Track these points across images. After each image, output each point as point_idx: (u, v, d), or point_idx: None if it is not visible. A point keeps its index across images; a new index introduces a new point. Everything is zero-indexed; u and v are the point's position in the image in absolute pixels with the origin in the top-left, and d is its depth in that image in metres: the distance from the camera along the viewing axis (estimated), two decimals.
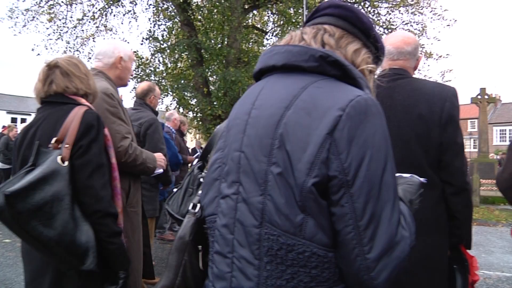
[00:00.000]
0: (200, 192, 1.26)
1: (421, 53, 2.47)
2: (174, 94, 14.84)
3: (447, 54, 15.37)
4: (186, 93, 14.72)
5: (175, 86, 14.60)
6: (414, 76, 2.23)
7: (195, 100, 14.68)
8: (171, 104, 16.09)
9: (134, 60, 2.89)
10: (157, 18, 15.39)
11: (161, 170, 2.99)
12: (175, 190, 1.90)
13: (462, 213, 1.99)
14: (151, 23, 15.20)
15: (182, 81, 14.86)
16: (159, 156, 2.95)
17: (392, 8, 15.75)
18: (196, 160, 1.94)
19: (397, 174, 1.26)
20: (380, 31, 15.68)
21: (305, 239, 0.96)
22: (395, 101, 2.03)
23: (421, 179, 1.31)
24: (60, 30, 15.18)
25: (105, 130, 1.98)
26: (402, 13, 15.96)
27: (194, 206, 1.24)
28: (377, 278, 0.94)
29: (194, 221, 1.22)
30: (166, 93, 14.98)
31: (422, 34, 15.66)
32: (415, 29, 15.72)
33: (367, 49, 1.20)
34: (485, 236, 8.27)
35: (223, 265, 1.07)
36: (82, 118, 1.84)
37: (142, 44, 15.15)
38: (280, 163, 0.98)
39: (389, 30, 15.37)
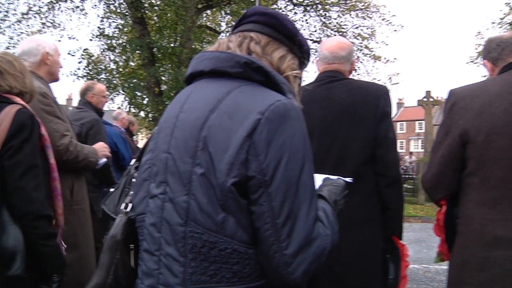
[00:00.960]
0: (132, 192, 1.30)
1: (357, 57, 2.63)
2: (125, 93, 14.56)
3: (394, 58, 16.05)
4: (137, 93, 14.47)
5: (127, 85, 14.33)
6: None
7: (146, 99, 14.47)
8: (122, 103, 15.79)
9: (60, 53, 2.83)
10: (108, 15, 15.02)
11: (105, 160, 2.98)
12: (111, 190, 1.89)
13: (395, 204, 2.11)
14: (101, 20, 14.78)
15: (134, 80, 14.60)
16: (100, 146, 2.93)
17: (343, 12, 16.17)
18: (134, 160, 1.94)
19: (325, 176, 1.36)
20: (331, 33, 16.09)
21: (227, 237, 1.01)
22: (333, 101, 2.12)
23: (347, 179, 1.38)
24: (1, 23, 14.48)
25: (42, 129, 1.93)
26: (353, 17, 16.43)
27: (126, 206, 1.28)
28: (295, 273, 0.99)
29: (126, 220, 1.26)
30: (117, 93, 14.67)
31: (371, 38, 16.18)
32: (364, 33, 16.22)
33: (292, 54, 1.25)
34: (427, 233, 8.62)
35: (151, 262, 1.10)
36: (14, 117, 1.77)
37: (91, 40, 14.70)
38: (203, 164, 1.02)
39: (340, 33, 15.77)
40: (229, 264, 1.02)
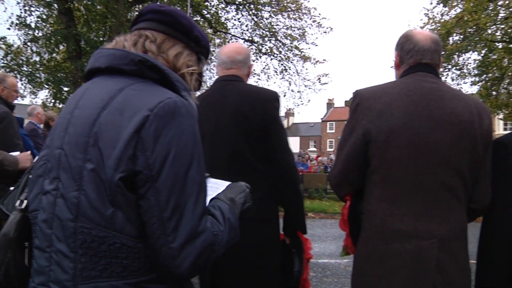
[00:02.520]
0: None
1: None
2: (49, 87, 13.85)
3: (324, 59, 16.53)
4: (63, 87, 13.82)
5: (51, 79, 13.63)
6: (248, 82, 2.51)
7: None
8: (47, 98, 14.99)
9: None
10: (29, 3, 14.10)
11: None
12: (11, 188, 1.82)
13: (294, 203, 2.29)
14: (20, 8, 13.80)
15: (59, 74, 13.92)
16: (23, 157, 2.80)
17: (275, 12, 16.43)
18: (36, 157, 1.89)
19: (228, 183, 1.41)
20: (263, 33, 16.30)
21: (115, 231, 1.03)
22: (226, 105, 2.25)
23: (242, 183, 1.44)
24: None
25: None
26: (285, 18, 16.75)
27: (21, 203, 1.26)
28: (181, 266, 1.02)
29: (20, 218, 1.23)
30: (41, 87, 13.90)
31: (302, 39, 16.59)
32: (296, 34, 16.59)
33: (189, 50, 1.29)
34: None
35: (42, 259, 1.09)
36: None
37: (9, 29, 13.69)
38: (94, 160, 1.04)
39: (271, 33, 16.03)
40: (119, 258, 1.03)
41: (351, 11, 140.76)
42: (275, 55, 17.17)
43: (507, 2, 15.60)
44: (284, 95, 18.33)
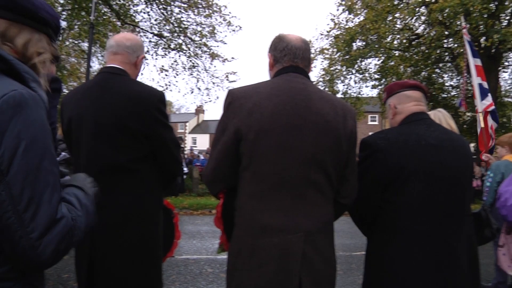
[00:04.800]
0: None
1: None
2: None
3: (232, 57, 16.62)
4: None
5: None
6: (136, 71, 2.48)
7: None
8: None
9: None
10: None
11: None
12: None
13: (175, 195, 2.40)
14: None
15: None
16: None
17: (185, 8, 16.20)
18: None
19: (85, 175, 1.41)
20: (172, 28, 16.01)
21: None
22: (104, 101, 2.24)
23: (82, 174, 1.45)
24: None
25: None
26: (195, 15, 16.59)
27: None
28: (43, 254, 1.04)
29: None
30: None
31: (211, 36, 16.56)
32: (206, 31, 16.51)
33: (39, 34, 1.22)
34: None
35: None
36: None
37: None
38: None
39: (180, 29, 15.81)
40: None
41: (261, 12, 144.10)
42: (184, 51, 16.96)
43: (402, 15, 16.82)
44: (192, 92, 18.23)
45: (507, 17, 16.05)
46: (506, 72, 19.89)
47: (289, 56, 1.93)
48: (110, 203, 2.10)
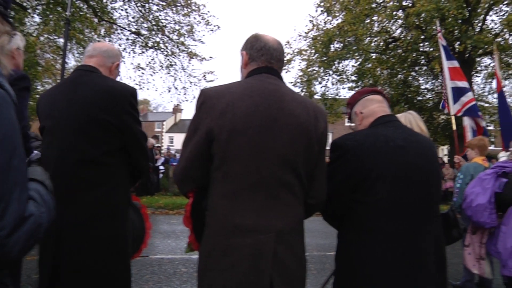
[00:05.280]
0: None
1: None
2: None
3: (210, 57, 16.55)
4: None
5: None
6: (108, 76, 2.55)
7: None
8: None
9: None
10: None
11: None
12: None
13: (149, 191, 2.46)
14: None
15: None
16: None
17: (164, 6, 16.08)
18: None
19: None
20: (149, 26, 15.85)
21: None
22: (77, 95, 2.31)
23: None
24: None
25: None
26: (174, 13, 16.47)
27: None
28: (11, 252, 1.04)
29: None
30: None
31: (189, 35, 16.48)
32: (184, 30, 16.42)
33: None
34: None
35: None
36: None
37: None
38: None
39: (158, 27, 15.68)
40: None
41: (240, 12, 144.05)
42: (162, 50, 16.83)
43: (380, 18, 17.05)
44: (169, 91, 18.10)
45: (480, 24, 16.44)
46: (479, 76, 20.37)
47: (266, 57, 1.95)
48: (80, 197, 2.15)
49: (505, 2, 14.89)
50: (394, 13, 17.11)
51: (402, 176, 1.99)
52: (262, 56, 1.95)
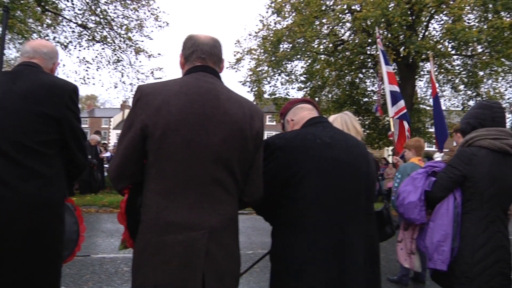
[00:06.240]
0: None
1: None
2: None
3: (158, 53, 16.32)
4: None
5: None
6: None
7: None
8: None
9: None
10: None
11: None
12: None
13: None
14: None
15: None
16: None
17: (112, 0, 15.67)
18: None
19: None
20: (96, 19, 15.39)
21: None
22: (16, 86, 2.30)
23: None
24: None
25: None
26: (123, 8, 16.09)
27: None
28: None
29: None
30: None
31: (138, 31, 16.18)
32: (132, 25, 16.09)
33: None
34: None
35: None
36: None
37: None
38: None
39: (106, 20, 15.27)
40: None
41: (190, 10, 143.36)
42: (109, 44, 16.38)
43: (329, 21, 17.41)
44: (116, 87, 17.66)
45: (423, 30, 17.15)
46: (422, 80, 21.24)
47: (196, 53, 1.97)
48: (13, 188, 2.13)
49: (445, 12, 15.60)
50: (342, 16, 17.50)
51: (328, 171, 2.06)
52: (193, 54, 1.97)
